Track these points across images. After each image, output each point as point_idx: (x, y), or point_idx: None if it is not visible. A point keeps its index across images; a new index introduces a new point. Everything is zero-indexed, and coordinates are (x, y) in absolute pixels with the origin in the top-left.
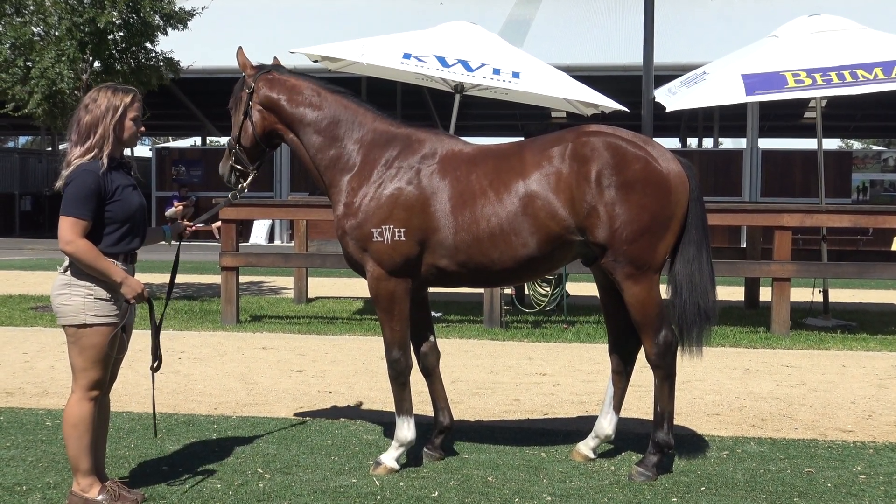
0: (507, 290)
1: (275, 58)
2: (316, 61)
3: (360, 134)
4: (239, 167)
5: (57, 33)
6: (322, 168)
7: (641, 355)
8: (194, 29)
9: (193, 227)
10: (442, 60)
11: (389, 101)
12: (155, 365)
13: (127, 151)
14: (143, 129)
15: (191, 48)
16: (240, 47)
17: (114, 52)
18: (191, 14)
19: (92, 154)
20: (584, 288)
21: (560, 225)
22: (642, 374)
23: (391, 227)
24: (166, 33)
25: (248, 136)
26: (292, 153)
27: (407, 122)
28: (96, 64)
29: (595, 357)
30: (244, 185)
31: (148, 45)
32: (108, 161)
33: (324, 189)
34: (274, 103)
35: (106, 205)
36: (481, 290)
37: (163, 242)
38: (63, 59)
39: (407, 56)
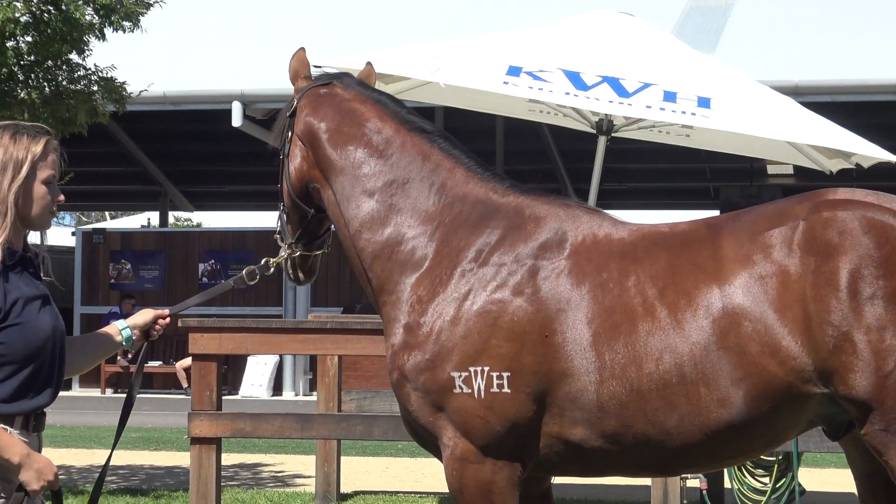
0: (694, 482)
1: (368, 63)
2: None
3: (438, 203)
4: (279, 237)
5: None
6: (368, 257)
7: None
8: (153, 32)
9: (165, 322)
10: (575, 79)
11: (484, 149)
12: None
13: (34, 237)
14: (62, 198)
15: (146, 63)
16: (301, 48)
17: (16, 68)
18: (146, 4)
19: None
20: (829, 478)
21: (786, 366)
22: None
23: (486, 369)
24: (104, 37)
25: (284, 189)
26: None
27: (517, 186)
28: None
29: None
30: (273, 262)
31: (74, 56)
32: (4, 255)
33: (371, 296)
34: (312, 135)
35: None
36: (646, 481)
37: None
38: None
39: (515, 71)
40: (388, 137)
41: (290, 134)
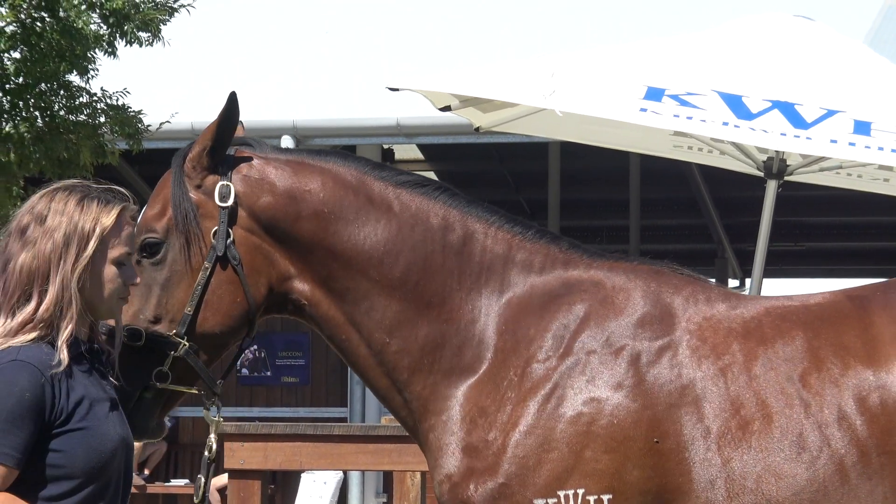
0: None
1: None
2: (446, 109)
3: (477, 282)
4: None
5: None
6: (404, 372)
7: None
8: (177, 46)
9: None
10: (736, 104)
11: (614, 198)
12: None
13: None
14: (138, 280)
15: (168, 87)
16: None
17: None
18: (170, 9)
19: (35, 334)
20: None
21: None
22: None
23: (580, 492)
24: (114, 53)
25: (226, 305)
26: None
27: (579, 248)
28: None
29: None
30: (213, 438)
31: (74, 78)
32: (69, 348)
33: (407, 425)
34: (279, 226)
35: (52, 437)
36: None
37: None
38: None
39: (655, 94)
40: (384, 204)
41: (228, 233)
